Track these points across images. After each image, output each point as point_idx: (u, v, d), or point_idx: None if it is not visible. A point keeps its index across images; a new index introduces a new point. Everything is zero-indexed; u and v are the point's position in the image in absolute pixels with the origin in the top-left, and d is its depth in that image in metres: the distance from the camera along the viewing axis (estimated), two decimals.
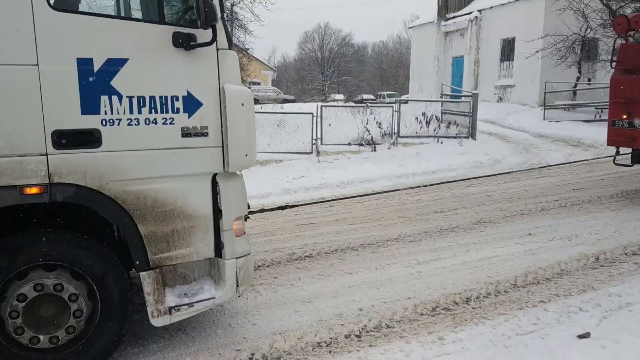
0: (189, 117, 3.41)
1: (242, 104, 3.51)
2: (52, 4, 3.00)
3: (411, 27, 36.42)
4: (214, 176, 3.55)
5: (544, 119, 18.71)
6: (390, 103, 17.44)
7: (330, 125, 13.06)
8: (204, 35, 3.29)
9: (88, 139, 3.17)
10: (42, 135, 3.05)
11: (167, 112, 3.35)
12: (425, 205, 7.83)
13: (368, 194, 7.49)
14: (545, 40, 20.73)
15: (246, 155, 3.56)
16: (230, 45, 3.52)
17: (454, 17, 28.53)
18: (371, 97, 44.42)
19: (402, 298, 4.52)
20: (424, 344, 3.67)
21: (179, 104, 3.38)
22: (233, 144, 3.50)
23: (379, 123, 13.60)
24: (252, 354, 3.60)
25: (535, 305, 4.32)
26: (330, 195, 8.65)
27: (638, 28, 8.05)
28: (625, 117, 8.23)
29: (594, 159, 11.01)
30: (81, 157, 3.16)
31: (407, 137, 13.66)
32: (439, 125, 14.92)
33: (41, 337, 3.20)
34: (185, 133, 3.41)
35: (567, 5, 19.75)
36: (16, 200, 3.06)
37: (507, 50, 24.88)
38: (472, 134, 14.32)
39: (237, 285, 3.67)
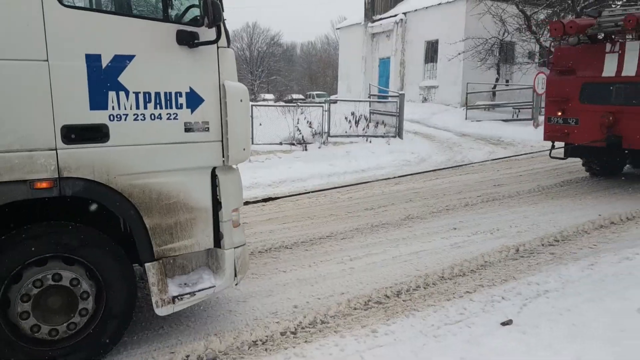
0: (192, 112, 3.54)
1: (241, 100, 3.68)
2: (61, 1, 3.05)
3: (339, 28, 36.87)
4: (214, 169, 3.68)
5: (466, 119, 19.52)
6: (320, 103, 17.61)
7: (260, 124, 13.01)
8: (205, 33, 3.43)
9: (96, 134, 3.23)
10: (52, 131, 3.09)
11: (171, 107, 3.46)
12: (356, 203, 7.98)
13: (300, 193, 7.54)
14: (467, 43, 21.65)
15: (244, 149, 3.72)
16: (229, 43, 3.62)
17: (380, 19, 29.17)
18: (301, 97, 44.58)
19: (335, 294, 4.61)
20: (358, 337, 3.76)
21: (182, 100, 3.49)
22: (233, 138, 3.65)
23: (310, 123, 13.70)
24: (187, 356, 3.56)
25: (461, 296, 4.53)
26: (262, 194, 8.64)
27: (572, 33, 8.60)
28: (560, 114, 9.00)
29: (513, 156, 11.59)
30: (89, 152, 3.22)
31: (337, 136, 13.85)
32: (368, 125, 15.24)
33: (42, 327, 3.22)
34: (188, 128, 3.54)
35: (487, 10, 20.73)
36: (26, 195, 3.09)
37: (431, 52, 25.73)
38: (399, 134, 14.71)
39: (235, 274, 3.83)
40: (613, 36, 8.56)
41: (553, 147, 9.31)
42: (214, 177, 3.68)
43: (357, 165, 11.26)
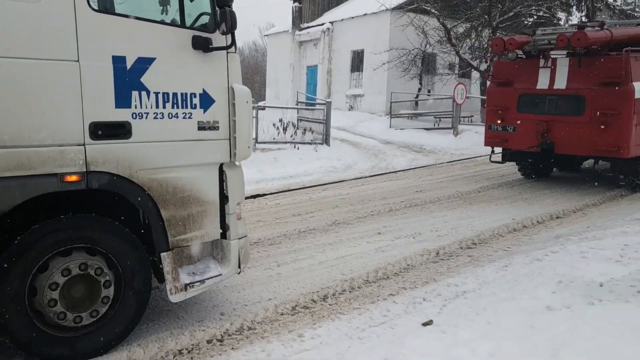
0: (204, 112, 3.83)
1: (247, 102, 4.02)
2: (92, 6, 3.28)
3: (267, 35, 36.85)
4: (221, 166, 3.99)
5: (390, 127, 20.05)
6: None
7: None
8: (217, 39, 3.77)
9: (120, 131, 3.45)
10: (81, 127, 3.28)
11: (186, 107, 3.75)
12: (284, 209, 8.02)
13: None
14: (391, 54, 22.27)
15: (248, 147, 4.07)
16: (235, 48, 3.91)
17: (308, 27, 29.42)
18: None
19: (263, 299, 4.62)
20: (285, 342, 3.79)
21: (196, 100, 3.78)
22: (240, 137, 3.99)
23: None
24: None
25: (385, 299, 4.66)
26: None
27: (512, 49, 9.49)
28: (499, 122, 10.00)
29: (434, 164, 12.06)
30: (114, 148, 3.43)
31: (265, 142, 13.83)
32: (296, 132, 15.34)
33: (67, 314, 3.37)
34: (201, 127, 3.83)
35: (410, 22, 21.44)
36: (56, 188, 3.25)
37: (357, 61, 26.22)
38: (326, 141, 14.90)
39: (239, 263, 4.15)
40: (546, 53, 9.55)
41: (493, 152, 10.35)
42: (221, 172, 4.00)
43: (284, 172, 11.30)
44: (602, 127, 8.86)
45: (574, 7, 25.67)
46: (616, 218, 7.30)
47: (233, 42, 3.80)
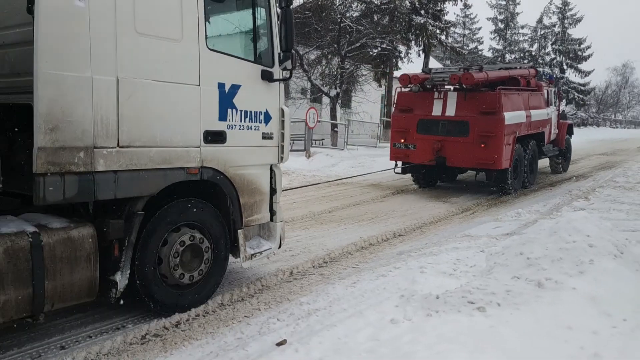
0: (265, 125, 5.27)
1: (289, 119, 5.57)
2: (208, 45, 4.57)
3: None
4: (271, 166, 5.44)
5: None
6: None
7: None
8: (276, 72, 5.25)
9: (220, 137, 4.77)
10: (199, 133, 4.56)
11: (256, 121, 5.17)
12: None
13: None
14: None
15: (287, 153, 5.55)
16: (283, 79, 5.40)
17: None
18: None
19: (110, 330, 4.35)
20: None
21: (261, 117, 5.21)
22: (285, 145, 5.47)
23: None
24: None
25: (240, 321, 4.66)
26: None
27: (415, 83, 12.20)
28: (402, 140, 12.43)
29: (294, 187, 12.31)
30: (216, 150, 4.73)
31: None
32: None
33: (188, 274, 4.63)
34: (264, 136, 5.26)
35: None
36: (184, 178, 4.45)
37: None
38: None
39: (281, 241, 5.68)
40: (439, 87, 12.29)
41: (396, 165, 12.75)
42: (271, 171, 5.44)
43: None
44: (482, 145, 11.38)
45: (413, 42, 28.12)
46: (449, 235, 8.05)
47: (290, 76, 5.44)
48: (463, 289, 4.45)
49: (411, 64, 29.62)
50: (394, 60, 27.39)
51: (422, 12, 27.19)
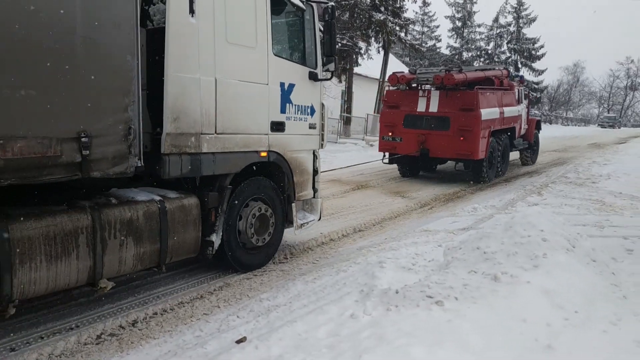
0: (311, 117, 6.48)
1: (327, 112, 6.88)
2: (273, 52, 5.70)
3: None
4: (314, 151, 6.63)
5: None
6: None
7: None
8: (319, 73, 6.46)
9: (281, 127, 5.95)
10: (267, 123, 5.75)
11: (305, 114, 6.36)
12: None
13: None
14: None
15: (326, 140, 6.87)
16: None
17: None
18: None
19: (63, 330, 4.23)
20: None
21: (308, 110, 6.42)
22: (325, 133, 6.71)
23: None
24: None
25: (199, 319, 4.59)
26: None
27: (402, 82, 13.72)
28: (390, 134, 13.78)
29: None
30: (278, 137, 5.91)
31: None
32: None
33: (259, 237, 5.84)
34: (310, 126, 6.47)
35: None
36: (256, 159, 5.67)
37: None
38: None
39: (320, 214, 6.93)
40: (423, 86, 13.75)
41: (384, 156, 14.17)
42: (314, 155, 6.65)
43: None
44: (462, 138, 12.73)
45: (373, 39, 28.30)
46: (408, 230, 8.15)
47: (332, 76, 6.70)
48: (422, 284, 4.51)
49: (371, 60, 29.84)
50: (354, 56, 27.52)
51: (382, 8, 27.34)
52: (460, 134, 12.74)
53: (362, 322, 4.08)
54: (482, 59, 55.07)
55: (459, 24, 55.56)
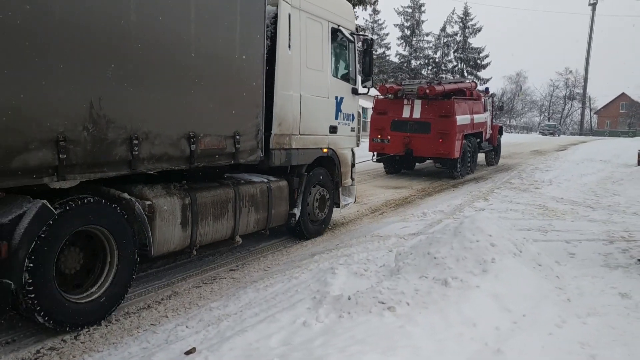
0: (352, 122, 8.46)
1: (361, 118, 9.20)
2: (332, 73, 7.83)
3: None
4: (352, 149, 8.62)
5: None
6: None
7: None
8: (358, 88, 8.56)
9: (335, 130, 7.99)
10: (327, 127, 7.82)
11: (348, 120, 8.37)
12: None
13: None
14: None
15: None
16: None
17: None
18: None
19: None
20: None
21: (351, 117, 8.41)
22: (359, 136, 8.76)
23: None
24: None
25: (146, 330, 4.43)
26: None
27: (391, 92, 16.04)
28: (379, 136, 16.27)
29: None
30: (333, 137, 7.96)
31: None
32: None
33: (320, 213, 7.92)
34: (350, 129, 8.47)
35: None
36: (321, 154, 7.74)
37: None
38: None
39: (355, 197, 9.27)
40: (407, 95, 15.95)
41: (374, 155, 16.49)
42: (352, 152, 8.62)
43: None
44: (441, 140, 15.28)
45: None
46: (360, 235, 8.17)
47: (368, 92, 8.75)
48: (374, 289, 4.50)
49: None
50: None
51: None
52: (439, 136, 15.27)
53: (315, 330, 4.03)
54: (430, 67, 56.32)
55: (407, 32, 56.67)
